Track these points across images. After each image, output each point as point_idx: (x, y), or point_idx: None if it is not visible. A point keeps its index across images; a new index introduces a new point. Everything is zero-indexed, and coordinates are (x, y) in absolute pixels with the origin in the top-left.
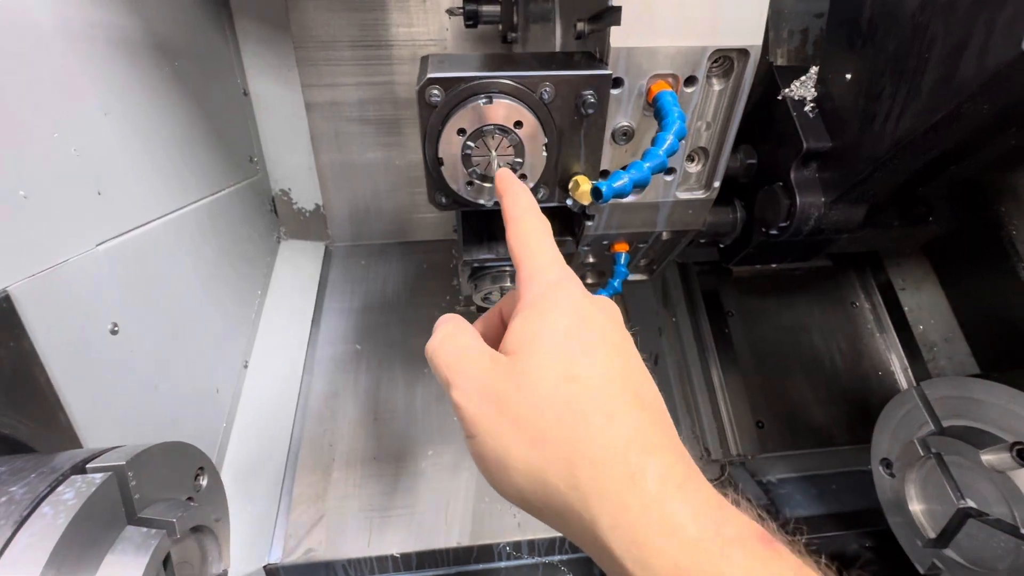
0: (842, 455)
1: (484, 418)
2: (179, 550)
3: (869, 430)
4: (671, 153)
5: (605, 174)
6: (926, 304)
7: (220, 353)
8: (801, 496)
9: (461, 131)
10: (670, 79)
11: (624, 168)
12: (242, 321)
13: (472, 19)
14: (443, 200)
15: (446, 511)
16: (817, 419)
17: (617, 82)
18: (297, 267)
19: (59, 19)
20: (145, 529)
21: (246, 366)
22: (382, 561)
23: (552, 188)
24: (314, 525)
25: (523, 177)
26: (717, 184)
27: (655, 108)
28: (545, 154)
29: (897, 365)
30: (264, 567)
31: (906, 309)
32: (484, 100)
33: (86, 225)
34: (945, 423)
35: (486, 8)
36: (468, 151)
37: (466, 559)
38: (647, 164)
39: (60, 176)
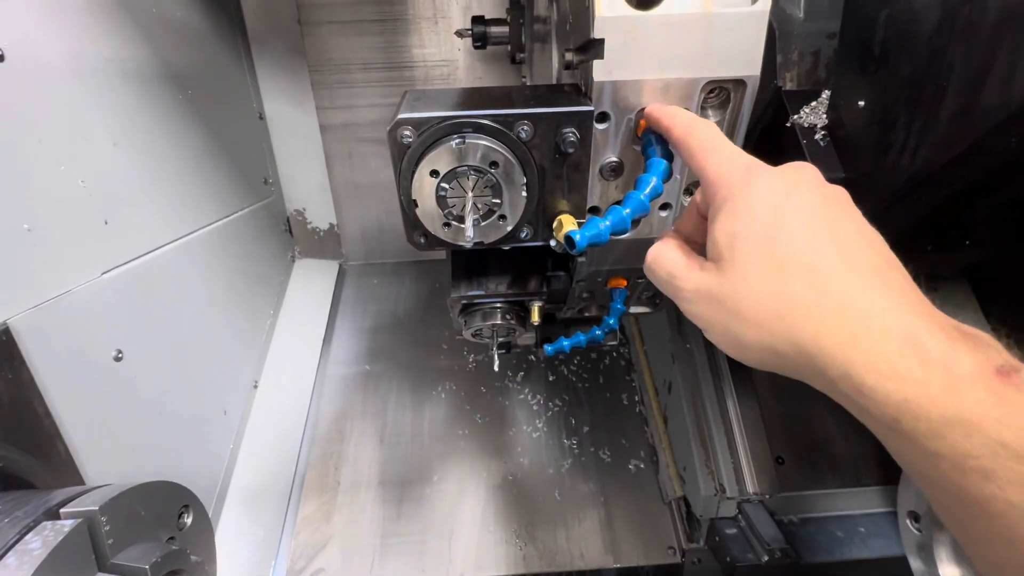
0: (870, 495)
1: (710, 316)
2: None
3: (900, 469)
4: (655, 197)
5: (596, 210)
6: None
7: (229, 374)
8: (825, 539)
9: (434, 172)
10: None
11: (603, 214)
12: (253, 341)
13: (481, 40)
14: (422, 240)
15: (450, 540)
16: (842, 455)
17: (603, 116)
18: (311, 286)
19: (70, 55)
20: None
21: (256, 386)
22: None
23: (536, 227)
24: (319, 549)
25: (502, 218)
26: None
27: (642, 146)
28: (525, 194)
29: None
30: None
31: None
32: (457, 140)
33: (91, 255)
34: None
35: (494, 30)
36: (443, 193)
37: None
38: (627, 210)
39: (65, 208)
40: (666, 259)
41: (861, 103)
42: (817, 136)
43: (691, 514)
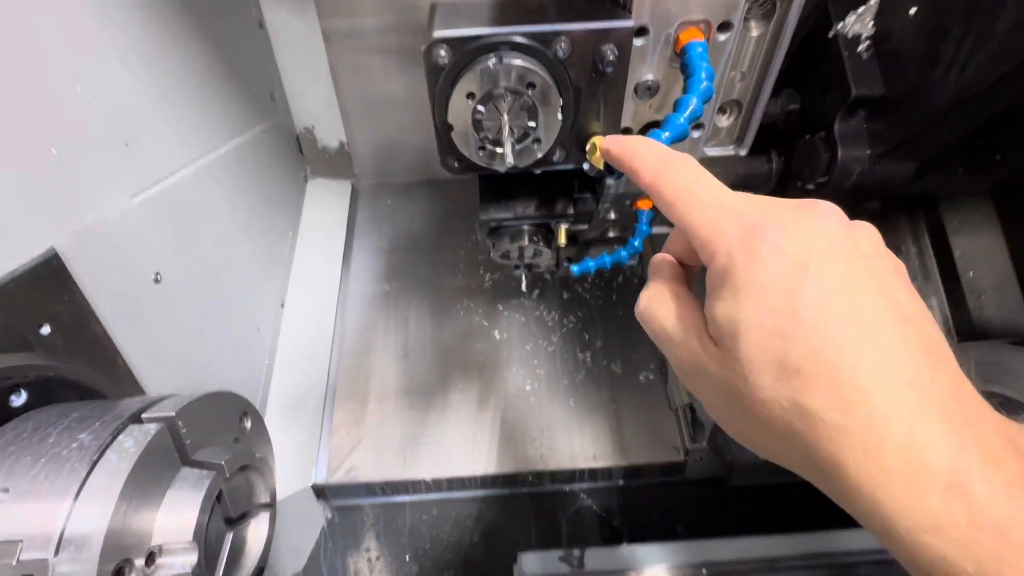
0: None
1: (708, 398)
2: (229, 487)
3: None
4: (694, 120)
5: (628, 131)
6: (981, 249)
7: (258, 294)
8: None
9: (470, 95)
10: (702, 26)
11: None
12: (276, 262)
13: None
14: (456, 164)
15: (473, 442)
16: None
17: (641, 31)
18: (325, 207)
19: None
20: (198, 470)
21: (282, 305)
22: (416, 484)
23: (569, 149)
24: (353, 449)
25: (537, 142)
26: (750, 140)
27: (681, 62)
28: (560, 116)
29: (936, 315)
30: (312, 486)
31: (957, 254)
32: (494, 60)
33: (119, 178)
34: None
35: None
36: (479, 116)
37: (492, 485)
38: (665, 133)
39: (87, 131)
40: (660, 316)
41: (912, 11)
42: (860, 48)
43: (696, 419)
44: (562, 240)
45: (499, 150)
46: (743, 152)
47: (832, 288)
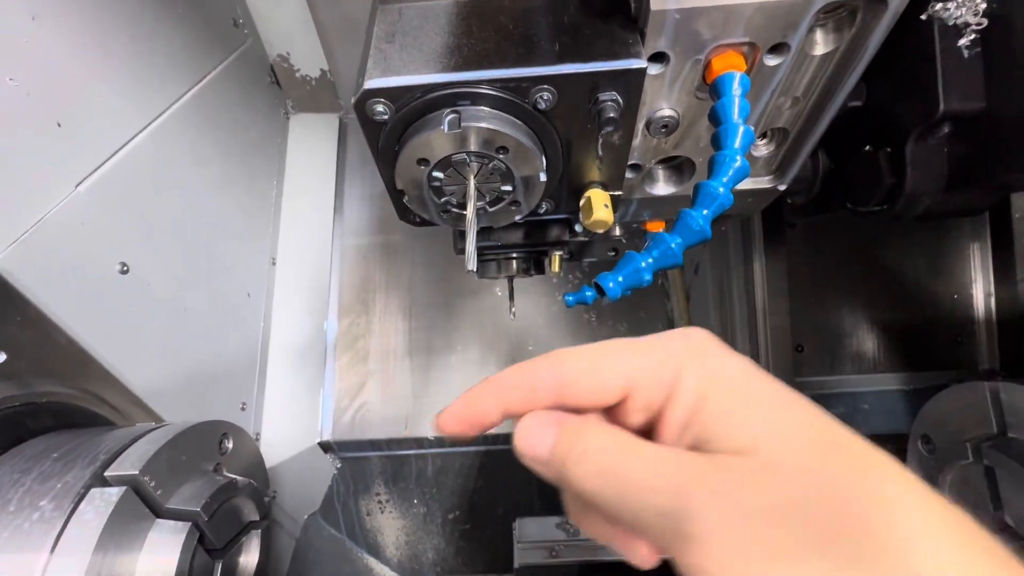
0: (882, 378)
1: None
2: (212, 522)
3: (923, 360)
4: (737, 183)
5: (636, 169)
6: None
7: (244, 255)
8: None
9: (422, 161)
10: (744, 49)
11: (642, 179)
12: (261, 216)
13: None
14: (416, 220)
15: None
16: (865, 345)
17: (659, 57)
18: (311, 146)
19: None
20: (172, 522)
21: (274, 263)
22: (419, 441)
23: (559, 200)
24: (358, 409)
25: (515, 204)
26: (792, 174)
27: (712, 109)
28: (544, 177)
29: (979, 288)
30: (319, 443)
31: (1016, 216)
32: (450, 117)
33: (56, 167)
34: (1012, 433)
35: None
36: (436, 183)
37: (494, 442)
38: (675, 242)
39: (4, 120)
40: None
41: None
42: (962, 41)
43: None
44: (556, 268)
45: (465, 213)
46: (782, 187)
47: None
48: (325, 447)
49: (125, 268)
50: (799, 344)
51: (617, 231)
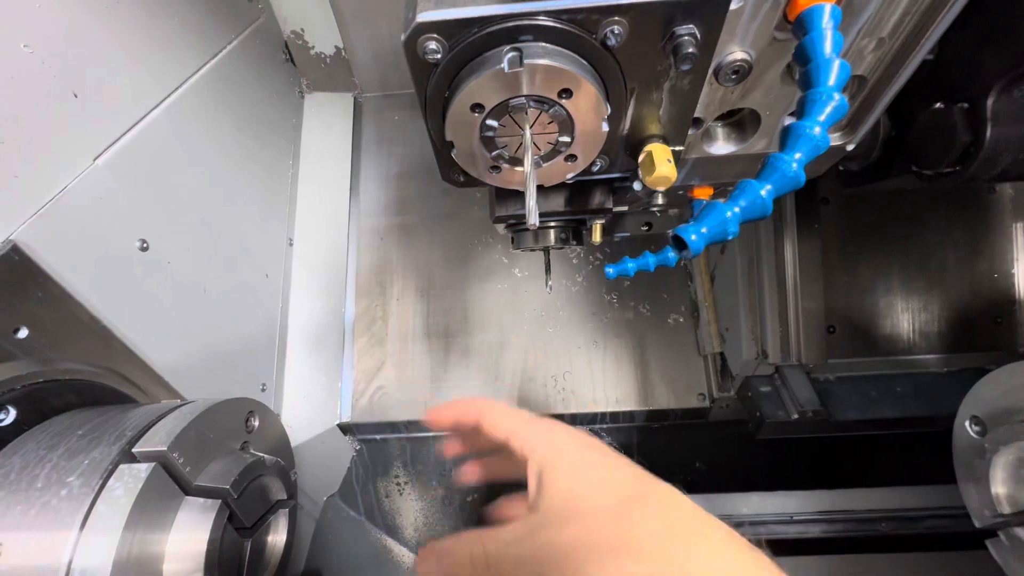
0: (916, 361)
1: None
2: (241, 499)
3: (960, 342)
4: (834, 121)
5: (697, 123)
6: None
7: (262, 236)
8: (858, 398)
9: (476, 107)
10: None
11: (703, 134)
12: (278, 197)
13: None
14: (461, 179)
15: (495, 385)
16: (900, 327)
17: None
18: (326, 125)
19: None
20: (202, 499)
21: (291, 244)
22: None
23: (614, 157)
24: (377, 390)
25: (571, 158)
26: (865, 129)
27: (799, 47)
28: (606, 127)
29: (1021, 268)
30: (338, 424)
31: None
32: (510, 54)
33: (74, 140)
34: None
35: None
36: (489, 132)
37: None
38: (765, 188)
39: (22, 88)
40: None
41: None
42: None
43: (726, 367)
44: (597, 238)
45: (519, 168)
46: (851, 146)
47: None
48: (344, 429)
49: (145, 245)
50: (831, 325)
51: (660, 199)
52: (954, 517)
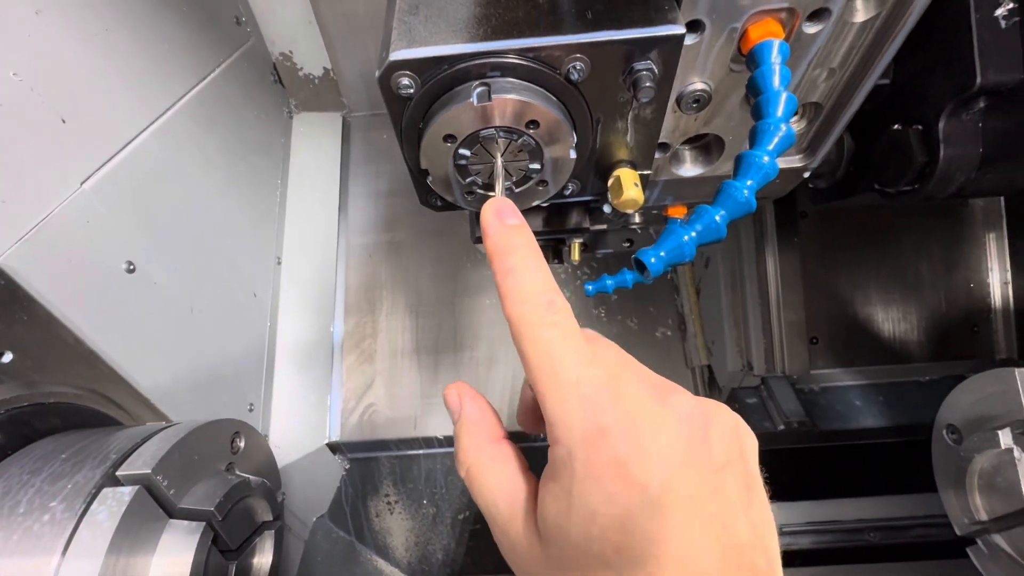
0: (898, 369)
1: None
2: (226, 522)
3: (940, 351)
4: (783, 150)
5: (664, 147)
6: None
7: (250, 255)
8: (842, 407)
9: (449, 137)
10: (782, 15)
11: (671, 157)
12: (267, 216)
13: None
14: (439, 204)
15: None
16: (881, 336)
17: (694, 26)
18: (315, 145)
19: None
20: (187, 522)
21: (279, 263)
22: (428, 440)
23: (585, 181)
24: (366, 409)
25: (542, 184)
26: (823, 152)
27: (751, 79)
28: (574, 154)
29: (996, 278)
30: (327, 443)
31: None
32: (479, 89)
33: (61, 164)
34: None
35: None
36: (462, 161)
37: None
38: (719, 213)
39: (9, 113)
40: (492, 487)
41: None
42: (999, 11)
43: (713, 380)
44: (576, 256)
45: (492, 194)
46: (812, 165)
47: (670, 524)
48: (333, 448)
49: (131, 267)
50: (814, 336)
51: (637, 218)
52: (942, 526)
